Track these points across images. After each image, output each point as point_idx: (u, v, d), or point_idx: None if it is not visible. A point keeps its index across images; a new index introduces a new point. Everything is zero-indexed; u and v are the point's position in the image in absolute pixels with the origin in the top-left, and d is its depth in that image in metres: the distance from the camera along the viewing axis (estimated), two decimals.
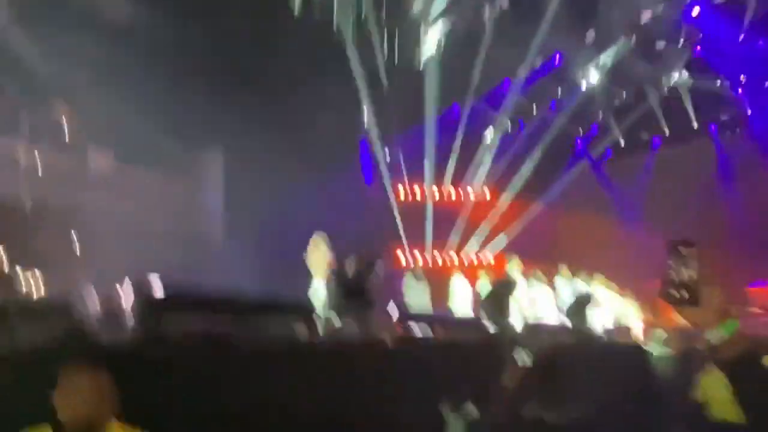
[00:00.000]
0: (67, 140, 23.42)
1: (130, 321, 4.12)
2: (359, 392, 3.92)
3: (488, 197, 17.89)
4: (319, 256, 8.16)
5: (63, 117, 25.35)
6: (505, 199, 17.34)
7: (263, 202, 19.24)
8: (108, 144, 23.70)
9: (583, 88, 17.01)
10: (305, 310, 4.59)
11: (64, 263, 18.91)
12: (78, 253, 19.67)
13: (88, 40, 21.43)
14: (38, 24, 23.22)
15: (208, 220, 25.90)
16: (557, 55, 16.85)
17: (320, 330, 4.46)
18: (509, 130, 18.21)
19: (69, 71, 24.45)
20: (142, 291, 3.77)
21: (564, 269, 10.95)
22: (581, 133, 18.33)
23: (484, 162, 17.92)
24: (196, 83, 20.05)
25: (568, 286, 10.53)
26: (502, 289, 5.92)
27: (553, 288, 10.55)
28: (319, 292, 7.88)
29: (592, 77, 16.88)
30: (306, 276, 9.17)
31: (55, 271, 17.87)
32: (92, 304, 3.71)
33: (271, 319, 4.41)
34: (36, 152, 22.05)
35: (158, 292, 4.05)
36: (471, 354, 5.06)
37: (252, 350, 4.02)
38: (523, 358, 3.49)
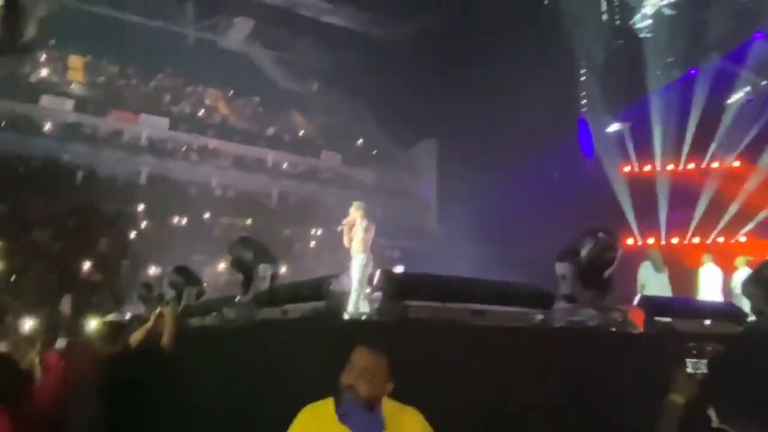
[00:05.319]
0: (303, 145, 26.87)
1: (377, 305, 4.46)
2: (599, 380, 3.74)
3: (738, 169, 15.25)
4: (357, 231, 6.93)
5: (300, 125, 29.04)
6: (762, 169, 14.56)
7: (475, 190, 19.39)
8: (336, 146, 26.69)
9: None
10: (540, 297, 4.47)
11: (304, 251, 21.69)
12: (315, 242, 22.41)
13: (318, 58, 24.18)
14: (277, 47, 26.85)
15: (423, 209, 27.21)
16: None
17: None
18: (761, 89, 15.40)
19: (303, 86, 28.01)
20: (389, 279, 4.01)
21: None
22: None
23: (732, 129, 15.36)
24: (408, 83, 21.18)
25: None
26: None
27: None
28: (354, 271, 6.57)
29: None
30: (523, 263, 8.56)
31: (299, 258, 20.55)
32: (345, 287, 4.08)
33: (507, 306, 4.40)
34: (280, 156, 25.73)
35: (403, 280, 4.26)
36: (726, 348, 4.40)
37: (490, 336, 4.04)
38: None
